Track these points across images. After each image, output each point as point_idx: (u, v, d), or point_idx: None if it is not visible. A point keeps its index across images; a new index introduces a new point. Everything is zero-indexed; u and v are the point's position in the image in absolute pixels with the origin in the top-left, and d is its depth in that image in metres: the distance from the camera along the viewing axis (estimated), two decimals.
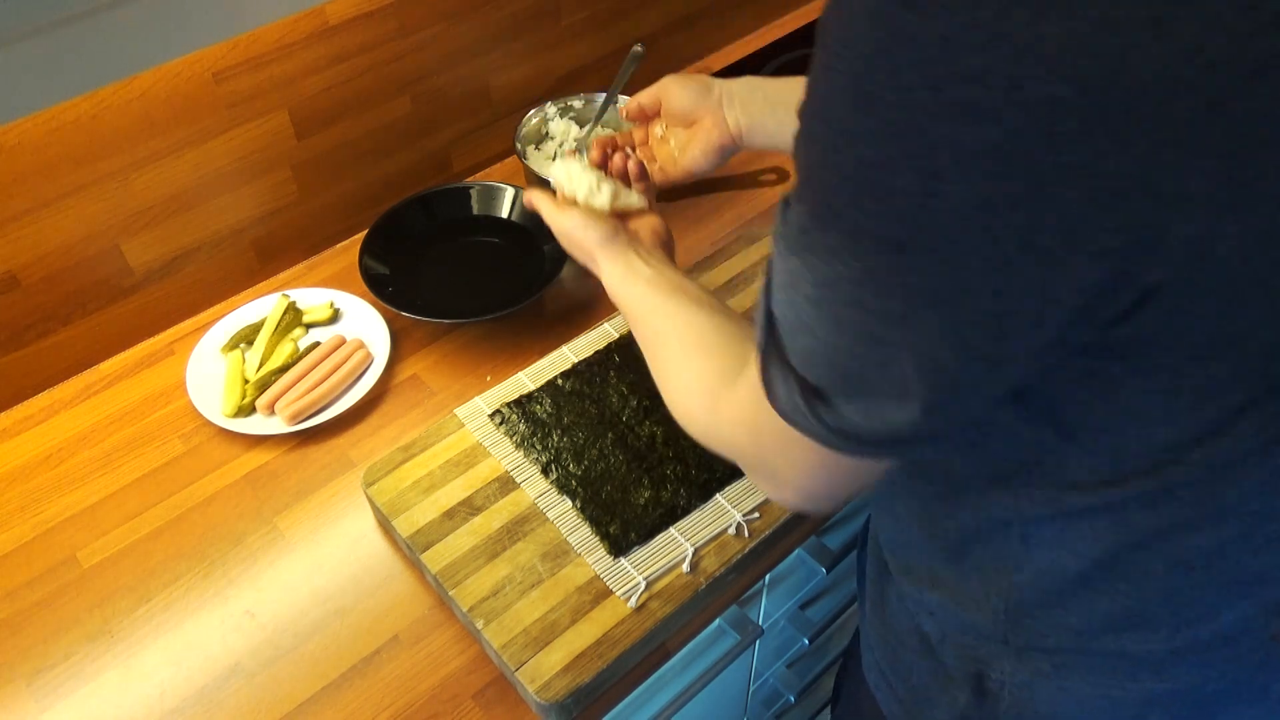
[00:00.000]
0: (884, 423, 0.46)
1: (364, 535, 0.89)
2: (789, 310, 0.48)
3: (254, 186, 1.05)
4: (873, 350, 0.44)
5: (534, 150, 1.20)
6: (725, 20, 1.44)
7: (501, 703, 0.78)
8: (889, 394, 0.45)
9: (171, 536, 0.89)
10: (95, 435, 0.97)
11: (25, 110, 0.74)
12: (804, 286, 0.45)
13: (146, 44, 0.77)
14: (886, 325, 0.43)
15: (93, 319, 1.01)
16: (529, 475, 0.87)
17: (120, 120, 0.92)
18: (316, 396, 0.95)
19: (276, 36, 0.97)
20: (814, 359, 0.47)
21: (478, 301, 1.06)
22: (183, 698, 0.78)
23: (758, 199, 1.21)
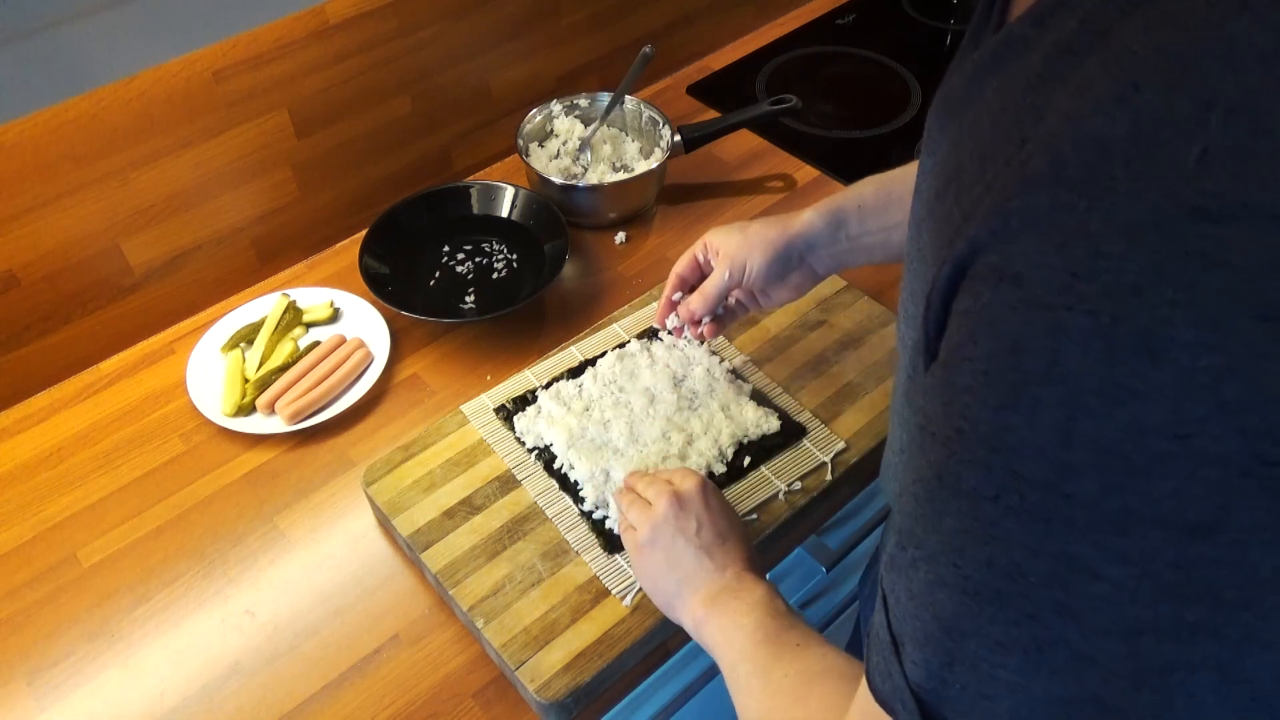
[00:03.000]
0: None
1: (364, 534, 0.89)
2: (958, 673, 0.36)
3: (254, 186, 1.05)
4: (1149, 687, 0.32)
5: (537, 148, 1.20)
6: (725, 19, 1.45)
7: (501, 702, 0.78)
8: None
9: (171, 536, 0.89)
10: (95, 434, 0.97)
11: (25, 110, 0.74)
12: (992, 628, 0.34)
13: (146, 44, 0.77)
14: (1172, 644, 0.31)
15: (93, 318, 1.01)
16: (530, 474, 0.87)
17: (120, 119, 0.92)
18: (316, 396, 0.95)
19: (276, 36, 0.97)
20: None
21: (478, 301, 1.06)
22: (183, 697, 0.78)
23: (758, 199, 1.21)
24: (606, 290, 1.10)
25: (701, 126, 1.19)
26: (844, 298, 1.03)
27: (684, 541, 0.71)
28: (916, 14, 1.52)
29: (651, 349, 0.97)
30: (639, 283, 1.10)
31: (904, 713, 0.38)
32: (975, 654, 0.35)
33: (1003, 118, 0.33)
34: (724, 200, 1.21)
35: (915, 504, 0.36)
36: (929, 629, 0.36)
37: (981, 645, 0.34)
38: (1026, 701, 0.34)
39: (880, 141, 1.29)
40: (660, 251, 1.14)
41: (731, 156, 1.26)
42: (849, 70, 1.42)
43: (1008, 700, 0.34)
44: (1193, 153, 0.28)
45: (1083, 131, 0.30)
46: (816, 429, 0.91)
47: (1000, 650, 0.34)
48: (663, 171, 1.18)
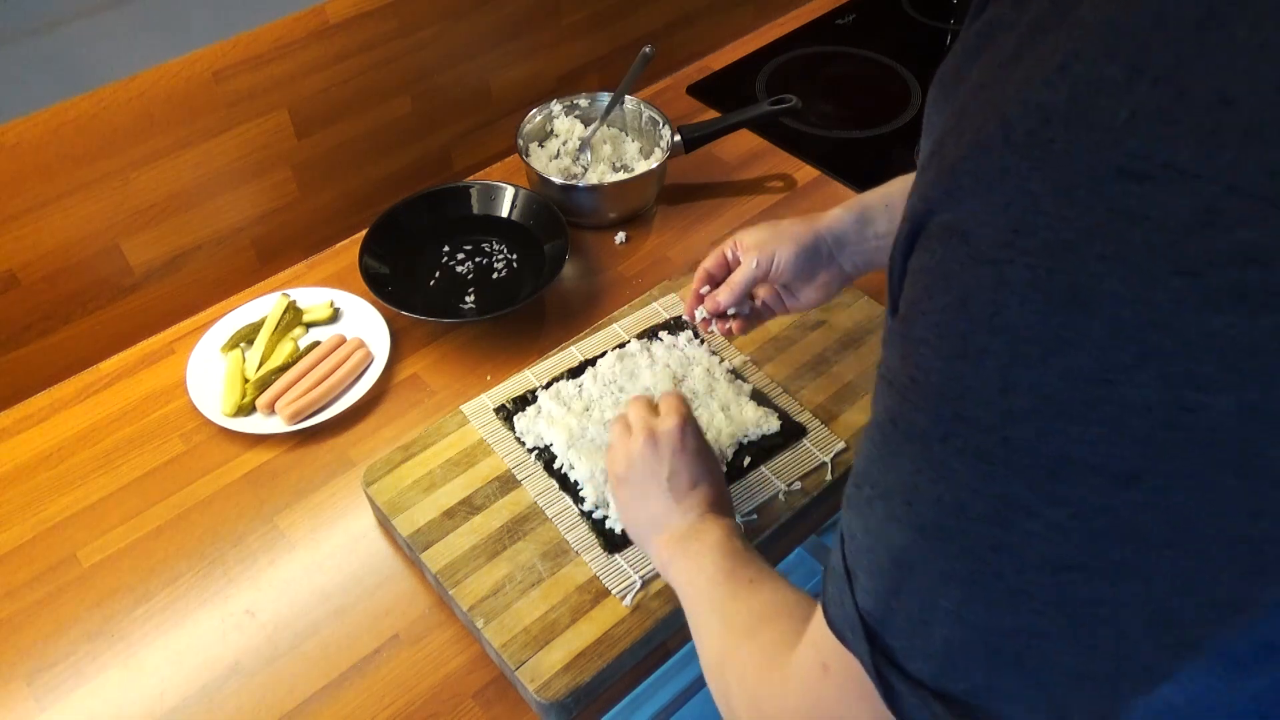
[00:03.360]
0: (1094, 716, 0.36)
1: (364, 534, 0.89)
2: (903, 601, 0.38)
3: (254, 186, 1.05)
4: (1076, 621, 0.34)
5: (536, 148, 1.20)
6: (725, 18, 1.45)
7: (501, 702, 0.78)
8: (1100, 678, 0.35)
9: (171, 535, 0.89)
10: (95, 434, 0.97)
11: (25, 110, 0.74)
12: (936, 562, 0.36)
13: (146, 44, 0.77)
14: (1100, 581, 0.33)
15: (93, 318, 1.01)
16: (530, 474, 0.87)
17: (120, 119, 0.92)
18: (316, 396, 0.95)
19: (276, 36, 0.97)
20: (965, 657, 0.37)
21: (478, 301, 1.06)
22: (183, 696, 0.78)
23: (758, 199, 1.21)
24: (606, 290, 1.10)
25: (701, 126, 1.19)
26: (844, 298, 1.03)
27: (655, 483, 0.73)
28: (916, 14, 1.52)
29: (651, 349, 0.97)
30: (639, 283, 1.10)
31: (853, 637, 0.40)
32: (920, 584, 0.37)
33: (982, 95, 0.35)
34: (724, 200, 1.21)
35: (873, 446, 0.38)
36: (880, 561, 0.38)
37: (926, 576, 0.36)
38: (962, 630, 0.36)
39: (880, 141, 1.29)
40: (660, 251, 1.14)
41: (731, 156, 1.26)
42: (849, 70, 1.42)
43: (945, 628, 0.37)
44: (1121, 116, 0.29)
45: (1029, 99, 0.31)
46: (816, 429, 0.91)
47: (942, 581, 0.36)
48: (663, 171, 1.18)
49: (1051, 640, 0.35)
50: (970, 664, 0.37)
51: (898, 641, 0.39)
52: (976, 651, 0.36)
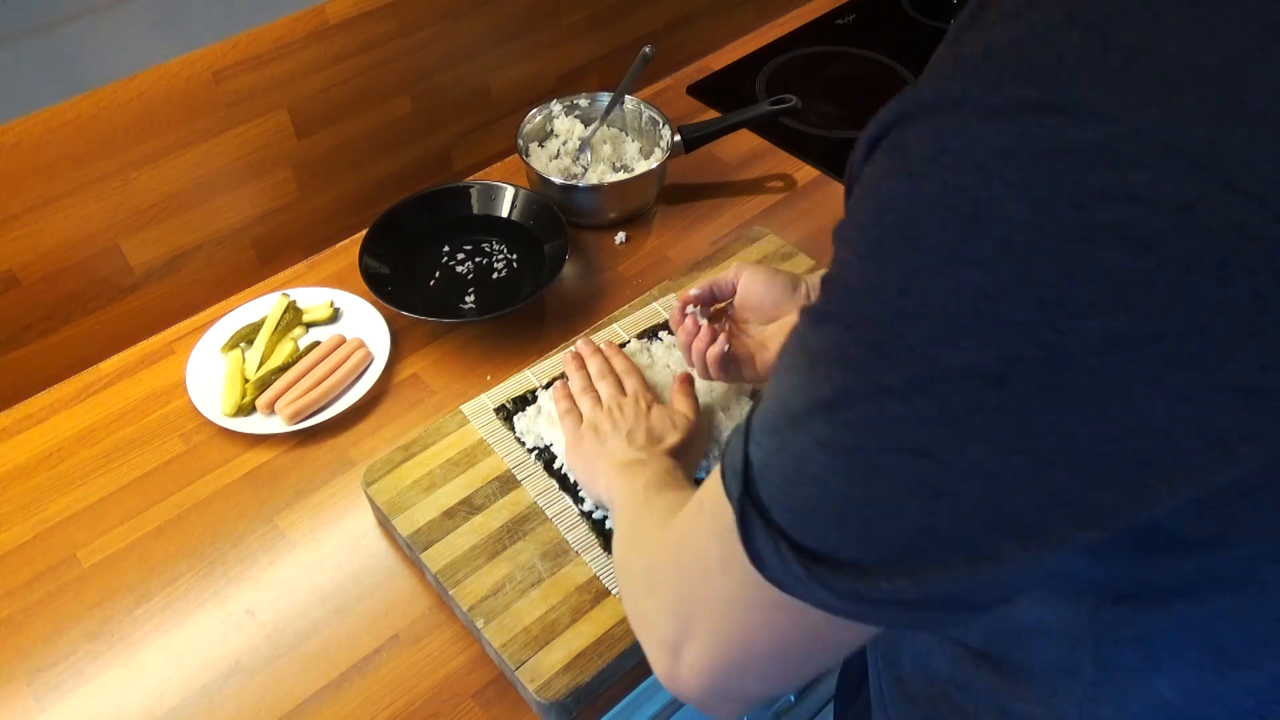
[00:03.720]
0: (918, 587, 0.38)
1: (364, 534, 0.89)
2: (782, 457, 0.41)
3: (254, 186, 1.05)
4: (923, 504, 0.37)
5: (536, 148, 1.20)
6: (725, 19, 1.45)
7: (501, 702, 0.78)
8: (931, 556, 0.38)
9: (171, 535, 0.89)
10: (95, 434, 0.97)
11: (25, 110, 0.74)
12: (817, 428, 0.38)
13: (146, 44, 0.77)
14: (952, 475, 0.35)
15: (93, 318, 1.01)
16: (530, 474, 0.87)
17: (120, 119, 0.92)
18: (316, 396, 0.95)
19: (276, 36, 0.97)
20: (820, 517, 0.40)
21: (478, 301, 1.06)
22: (183, 697, 0.78)
23: (757, 199, 1.21)
24: (606, 290, 1.10)
25: (701, 126, 1.19)
26: None
27: (616, 436, 0.81)
28: (916, 14, 1.52)
29: (651, 349, 0.97)
30: (639, 283, 1.10)
31: (731, 477, 0.44)
32: (799, 446, 0.40)
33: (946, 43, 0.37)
34: (724, 200, 1.21)
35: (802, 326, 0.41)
36: (777, 420, 0.41)
37: (806, 440, 0.39)
38: (820, 493, 0.39)
39: None
40: (660, 251, 1.14)
41: (731, 156, 1.26)
42: (849, 70, 1.43)
43: (807, 489, 0.40)
44: (1051, 57, 0.31)
45: (980, 40, 0.34)
46: None
47: (817, 447, 0.39)
48: (663, 171, 1.18)
49: (896, 518, 0.38)
50: (822, 525, 0.40)
51: (768, 492, 0.42)
52: (829, 515, 0.39)
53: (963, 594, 0.39)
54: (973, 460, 0.35)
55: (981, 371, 0.33)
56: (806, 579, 0.40)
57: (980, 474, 0.35)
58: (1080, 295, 0.31)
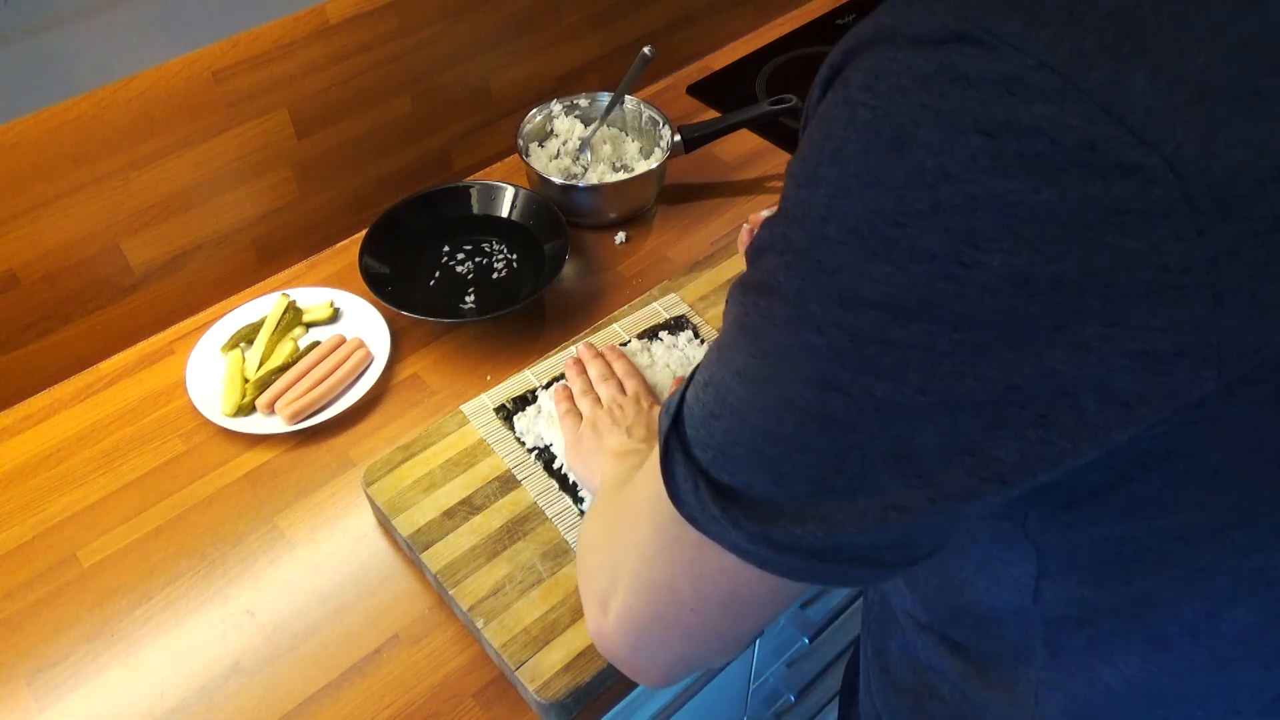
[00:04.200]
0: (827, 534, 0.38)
1: (364, 534, 0.89)
2: (708, 390, 0.41)
3: (254, 186, 1.05)
4: (831, 440, 0.37)
5: (536, 148, 1.20)
6: (725, 19, 1.45)
7: (501, 702, 0.78)
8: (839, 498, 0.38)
9: (171, 536, 0.89)
10: (95, 434, 0.97)
11: (25, 110, 0.74)
12: (738, 357, 0.39)
13: (147, 44, 0.77)
14: (859, 410, 0.36)
15: (93, 318, 1.01)
16: (529, 474, 0.87)
17: (120, 119, 0.92)
18: (316, 396, 0.95)
19: (276, 35, 0.97)
20: (735, 453, 0.40)
21: (478, 301, 1.06)
22: (183, 697, 0.78)
23: (758, 199, 1.21)
24: (606, 290, 1.10)
25: (701, 126, 1.19)
26: None
27: (615, 432, 0.81)
28: None
29: (651, 349, 0.97)
30: (639, 283, 1.10)
31: (664, 416, 0.44)
32: (721, 379, 0.40)
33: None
34: (724, 200, 1.21)
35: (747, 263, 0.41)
36: (710, 356, 0.42)
37: (729, 370, 0.40)
38: (738, 426, 0.40)
39: None
40: (660, 251, 1.14)
41: (731, 156, 1.26)
42: None
43: (726, 422, 0.40)
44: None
45: None
46: None
47: (736, 378, 0.39)
48: (663, 171, 1.18)
49: (805, 454, 0.38)
50: (737, 460, 0.40)
51: (692, 429, 0.42)
52: (744, 449, 0.40)
53: (871, 548, 0.40)
54: (879, 397, 0.35)
55: (892, 305, 0.34)
56: (721, 519, 0.41)
57: (885, 411, 0.35)
58: (985, 226, 0.31)
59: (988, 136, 0.31)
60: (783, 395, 0.37)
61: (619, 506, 0.52)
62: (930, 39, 0.32)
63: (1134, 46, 0.30)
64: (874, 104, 0.33)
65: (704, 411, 0.41)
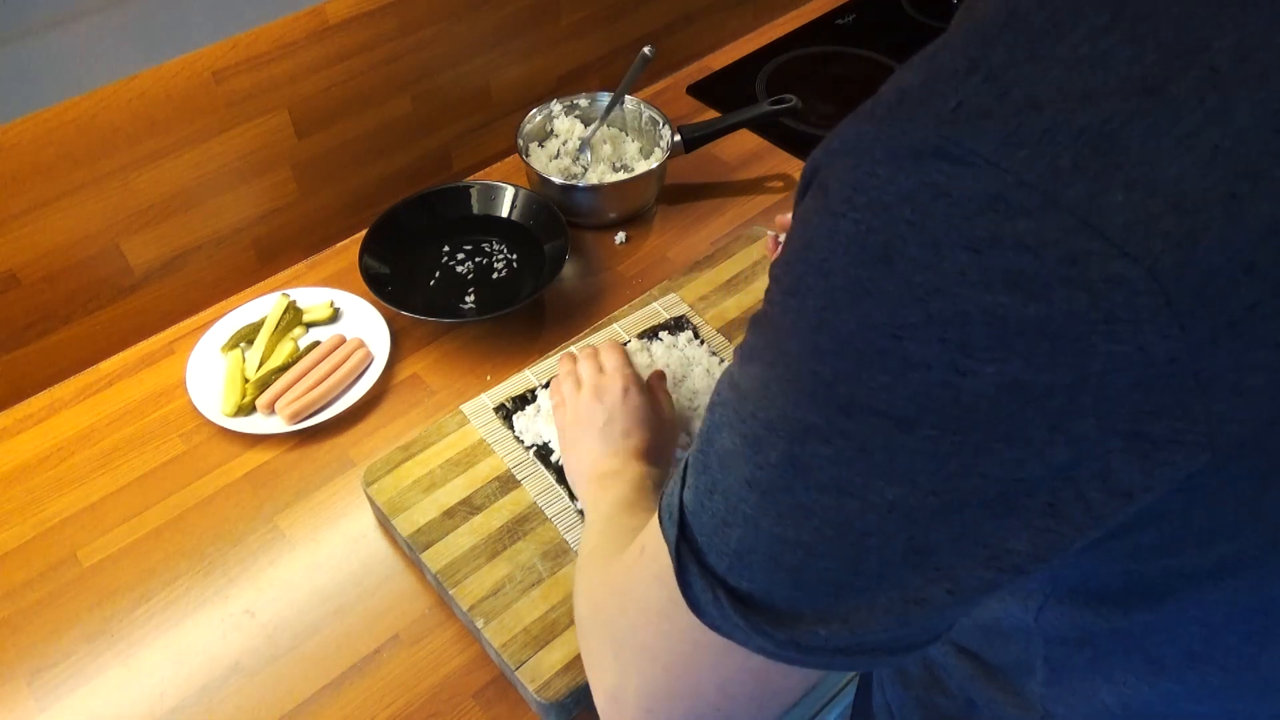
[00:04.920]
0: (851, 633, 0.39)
1: (364, 534, 0.89)
2: (714, 500, 0.41)
3: (254, 186, 1.05)
4: (849, 544, 0.38)
5: (536, 148, 1.20)
6: (725, 19, 1.44)
7: (501, 702, 0.78)
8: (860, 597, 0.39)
9: (171, 536, 0.89)
10: (95, 434, 0.97)
11: (25, 110, 0.74)
12: (745, 468, 0.39)
13: (146, 44, 0.77)
14: (874, 513, 0.36)
15: (93, 318, 1.01)
16: (529, 473, 0.87)
17: (120, 119, 0.92)
18: (316, 396, 0.95)
19: (276, 36, 0.97)
20: (754, 560, 0.40)
21: (478, 301, 1.06)
22: (183, 697, 0.78)
23: (758, 199, 1.21)
24: (606, 290, 1.10)
25: (701, 126, 1.19)
26: None
27: (594, 431, 0.81)
28: (916, 14, 1.52)
29: (651, 349, 0.97)
30: (639, 283, 1.10)
31: (668, 523, 0.44)
32: (729, 486, 0.40)
33: None
34: (724, 200, 1.21)
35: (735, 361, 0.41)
36: (708, 460, 0.42)
37: (735, 480, 0.40)
38: (754, 534, 0.40)
39: None
40: (660, 251, 1.14)
41: (731, 156, 1.26)
42: (849, 70, 1.43)
43: (740, 530, 0.40)
44: (951, 103, 0.33)
45: (899, 82, 0.35)
46: None
47: (746, 487, 0.39)
48: (663, 171, 1.18)
49: (824, 559, 0.38)
50: (755, 567, 0.40)
51: (704, 536, 0.42)
52: (761, 556, 0.40)
53: (895, 638, 0.40)
54: (891, 500, 0.36)
55: (893, 414, 0.34)
56: (745, 627, 0.41)
57: (899, 513, 0.36)
58: (977, 338, 0.32)
59: (974, 252, 0.31)
60: (797, 503, 0.38)
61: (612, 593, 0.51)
62: (909, 154, 0.33)
63: (1108, 162, 0.31)
64: (856, 217, 0.34)
65: (714, 520, 0.41)
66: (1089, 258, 0.30)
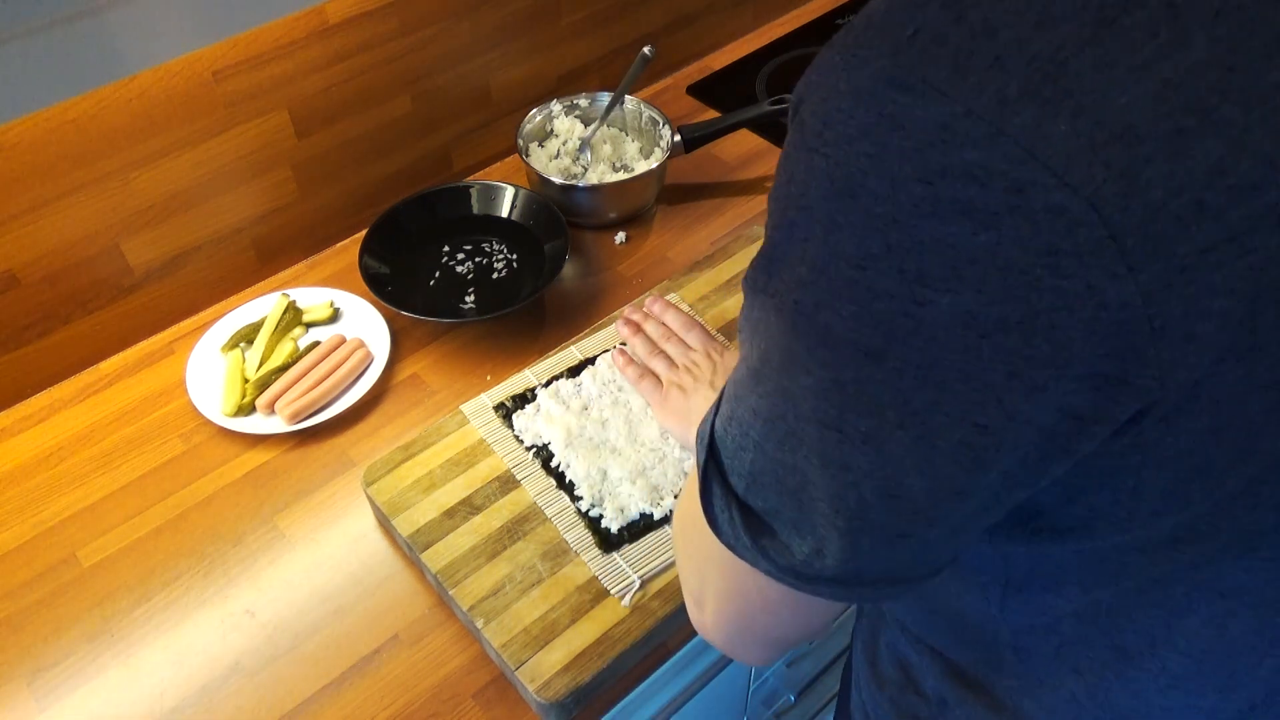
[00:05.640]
0: (837, 560, 0.41)
1: (364, 534, 0.89)
2: (732, 424, 0.43)
3: (254, 186, 1.05)
4: (831, 476, 0.39)
5: (536, 148, 1.20)
6: (725, 19, 1.44)
7: (501, 702, 0.78)
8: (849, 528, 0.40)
9: (171, 536, 0.89)
10: (95, 434, 0.97)
11: (25, 110, 0.75)
12: (751, 397, 0.41)
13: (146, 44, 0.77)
14: (848, 446, 0.38)
15: (93, 318, 1.01)
16: (529, 473, 0.87)
17: (120, 119, 0.92)
18: (316, 396, 0.95)
19: (276, 36, 0.97)
20: (760, 481, 0.42)
21: (478, 301, 1.06)
22: (183, 697, 0.78)
23: (758, 199, 1.21)
24: (606, 290, 1.10)
25: (701, 126, 1.19)
26: None
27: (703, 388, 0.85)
28: None
29: None
30: (639, 283, 1.10)
31: (699, 446, 0.47)
32: (743, 415, 0.43)
33: None
34: (724, 200, 1.21)
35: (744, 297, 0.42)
36: (730, 391, 0.44)
37: (746, 409, 0.42)
38: (761, 457, 0.42)
39: None
40: (660, 251, 1.14)
41: (731, 156, 1.26)
42: None
43: (751, 454, 0.42)
44: (909, 30, 0.33)
45: (870, 7, 0.35)
46: None
47: (753, 415, 0.42)
48: (663, 171, 1.18)
49: (814, 486, 0.40)
50: (765, 488, 0.42)
51: (727, 459, 0.45)
52: (769, 479, 0.42)
53: (888, 570, 0.42)
54: (864, 432, 0.37)
55: (863, 344, 0.35)
56: (752, 548, 0.43)
57: (872, 447, 0.37)
58: (932, 269, 0.33)
59: (926, 184, 0.32)
60: (790, 431, 0.40)
61: (683, 512, 0.54)
62: (868, 85, 0.33)
63: (1056, 90, 0.30)
64: (826, 152, 0.34)
65: (734, 444, 0.44)
66: (1033, 187, 0.30)
